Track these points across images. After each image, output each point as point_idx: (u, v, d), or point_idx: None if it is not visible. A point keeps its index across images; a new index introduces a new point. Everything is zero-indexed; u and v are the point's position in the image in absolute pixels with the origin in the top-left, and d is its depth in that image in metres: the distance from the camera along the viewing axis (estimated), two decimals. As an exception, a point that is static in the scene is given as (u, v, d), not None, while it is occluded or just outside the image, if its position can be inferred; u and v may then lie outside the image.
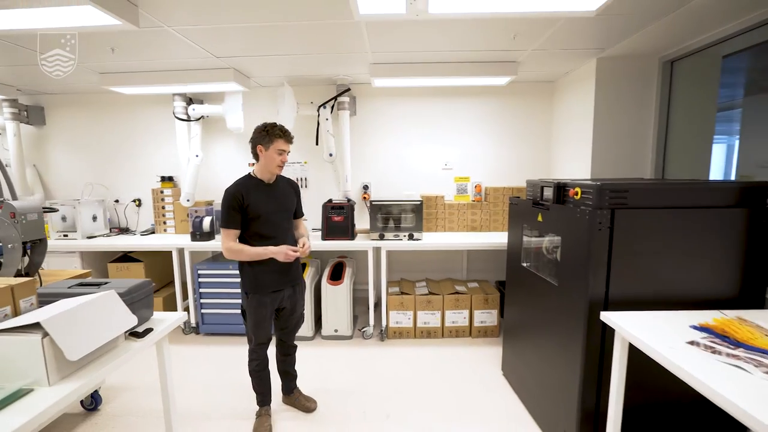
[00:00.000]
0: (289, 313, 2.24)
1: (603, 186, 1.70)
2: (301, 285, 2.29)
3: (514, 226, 2.50)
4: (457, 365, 2.92)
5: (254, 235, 2.05)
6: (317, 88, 3.77)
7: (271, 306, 2.13)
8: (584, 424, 1.83)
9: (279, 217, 2.10)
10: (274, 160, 2.03)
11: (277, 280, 2.11)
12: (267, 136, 2.00)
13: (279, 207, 2.11)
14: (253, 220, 2.01)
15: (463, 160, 3.87)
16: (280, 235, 2.10)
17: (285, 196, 2.16)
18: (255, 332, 2.13)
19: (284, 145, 2.04)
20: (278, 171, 2.09)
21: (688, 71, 2.86)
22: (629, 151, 3.05)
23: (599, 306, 1.73)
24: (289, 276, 2.17)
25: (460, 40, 2.63)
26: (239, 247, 2.00)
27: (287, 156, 2.09)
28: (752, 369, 1.16)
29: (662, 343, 1.34)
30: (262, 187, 2.07)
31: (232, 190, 2.00)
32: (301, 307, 2.33)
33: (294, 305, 2.25)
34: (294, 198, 2.23)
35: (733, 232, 1.74)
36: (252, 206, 2.00)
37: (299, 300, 2.28)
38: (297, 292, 2.25)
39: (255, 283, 2.08)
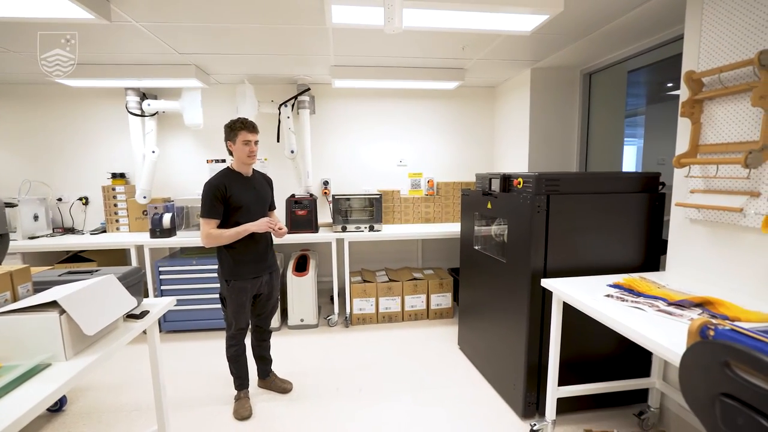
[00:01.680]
0: (266, 298, 2.38)
1: (541, 176, 2.06)
2: (278, 272, 2.45)
3: (467, 215, 2.83)
4: (417, 344, 3.21)
5: (235, 225, 2.16)
6: (278, 87, 3.87)
7: (251, 292, 2.26)
8: (530, 377, 2.19)
9: (258, 207, 2.25)
10: (243, 151, 2.15)
11: (255, 267, 2.25)
12: (231, 131, 2.14)
13: (258, 198, 2.26)
14: (235, 210, 2.14)
15: (417, 157, 4.18)
16: (259, 232, 2.24)
17: (262, 189, 2.32)
18: (236, 317, 2.24)
19: (248, 135, 2.15)
20: (250, 161, 2.20)
21: (602, 82, 3.40)
22: (559, 148, 3.54)
23: (540, 276, 2.09)
24: (267, 263, 2.32)
25: (417, 48, 2.91)
26: (218, 232, 2.10)
27: (255, 146, 2.19)
28: (647, 309, 1.55)
29: (587, 297, 1.71)
30: (241, 180, 2.21)
31: (214, 182, 2.11)
32: (277, 293, 2.48)
33: (271, 291, 2.39)
34: (270, 191, 2.41)
35: (638, 212, 2.19)
36: (234, 197, 2.12)
37: (276, 286, 2.43)
38: (273, 278, 2.40)
39: (235, 270, 2.19)
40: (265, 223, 2.16)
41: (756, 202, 1.62)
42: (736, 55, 1.70)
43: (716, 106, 1.80)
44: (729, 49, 1.73)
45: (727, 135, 1.75)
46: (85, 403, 2.45)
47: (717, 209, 1.77)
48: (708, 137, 1.85)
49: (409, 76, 3.45)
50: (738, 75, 1.68)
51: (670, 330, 1.37)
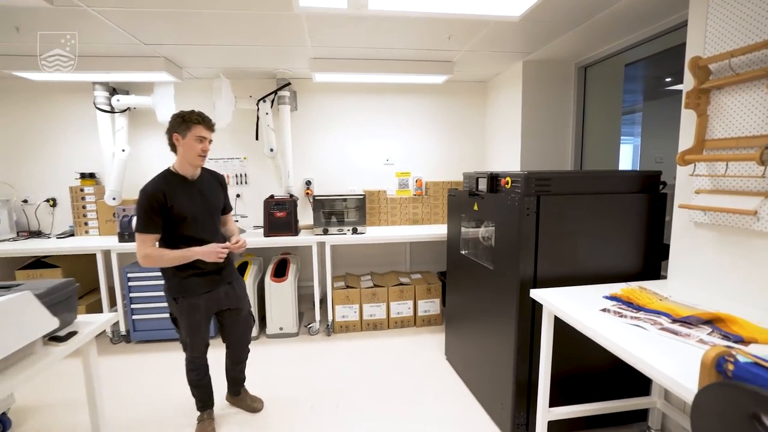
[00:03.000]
0: (235, 314, 2.10)
1: (530, 175, 1.86)
2: (239, 282, 2.14)
3: (453, 217, 2.63)
4: (402, 354, 3.01)
5: (180, 239, 1.85)
6: (256, 82, 3.66)
7: (206, 309, 1.96)
8: (518, 395, 1.99)
9: (207, 216, 1.94)
10: (193, 149, 1.83)
11: (208, 279, 1.94)
12: (183, 123, 1.82)
13: (207, 205, 1.94)
14: (179, 222, 1.83)
15: (404, 156, 3.98)
16: (209, 236, 1.93)
17: (212, 192, 1.99)
18: (191, 339, 1.97)
19: (204, 132, 1.85)
20: (201, 162, 1.89)
21: (598, 76, 3.20)
22: (552, 146, 3.34)
23: (529, 285, 1.89)
24: (222, 273, 2.01)
25: (400, 38, 2.71)
26: (158, 253, 1.80)
27: (209, 144, 1.91)
28: (649, 327, 1.35)
29: (580, 312, 1.51)
30: (186, 184, 1.88)
31: (151, 189, 1.79)
32: (247, 304, 2.18)
33: (237, 304, 2.09)
34: (221, 193, 2.09)
35: (636, 214, 2.00)
36: (177, 207, 1.81)
37: (242, 296, 2.14)
38: (236, 288, 2.09)
39: (182, 286, 1.89)
40: (214, 253, 1.84)
41: (772, 204, 1.43)
42: (749, 38, 1.50)
43: (725, 96, 1.60)
44: (741, 32, 1.53)
45: (739, 128, 1.56)
46: (32, 426, 2.24)
47: (726, 212, 1.58)
48: (716, 131, 1.65)
49: (394, 69, 3.24)
50: (752, 60, 1.48)
51: (677, 354, 1.17)
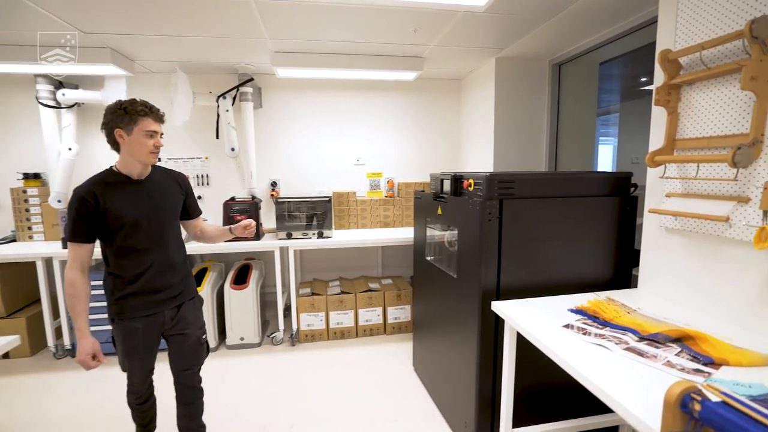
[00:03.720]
0: (181, 340, 1.74)
1: (492, 177, 1.72)
2: (194, 304, 1.79)
3: (419, 221, 2.48)
4: (369, 365, 2.85)
5: (121, 250, 1.57)
6: (216, 77, 3.46)
7: (147, 333, 1.64)
8: (482, 412, 1.85)
9: (156, 223, 1.63)
10: (143, 146, 1.54)
11: (151, 299, 1.63)
12: (126, 116, 1.51)
13: (155, 209, 1.63)
14: (116, 229, 1.54)
15: (376, 156, 3.82)
16: (158, 247, 1.63)
17: (164, 194, 1.68)
18: (128, 365, 1.70)
19: (153, 125, 1.56)
20: (154, 159, 1.60)
21: (573, 75, 3.09)
22: (527, 146, 3.22)
23: (492, 296, 1.75)
24: (171, 291, 1.68)
25: (363, 31, 2.55)
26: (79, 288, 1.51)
27: (161, 139, 1.62)
28: (613, 347, 1.22)
29: (542, 328, 1.37)
30: (128, 186, 1.59)
31: (81, 190, 1.51)
32: (199, 330, 1.80)
33: (185, 328, 1.73)
34: (179, 195, 1.75)
35: (606, 218, 1.87)
36: (113, 211, 1.52)
37: (193, 322, 1.76)
38: (187, 311, 1.74)
39: (118, 306, 1.60)
40: (84, 362, 1.52)
41: (745, 209, 1.31)
42: (721, 29, 1.38)
43: (697, 92, 1.49)
44: (713, 22, 1.41)
45: (710, 127, 1.44)
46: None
47: (697, 217, 1.46)
48: (687, 130, 1.53)
49: (362, 64, 3.08)
50: (723, 52, 1.36)
51: (641, 381, 1.04)
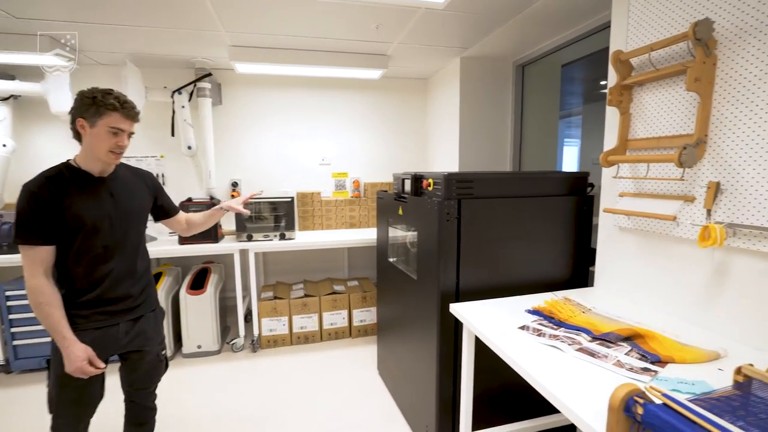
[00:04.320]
0: (137, 357, 1.55)
1: (450, 176, 1.69)
2: (155, 316, 1.61)
3: (381, 222, 2.44)
4: (333, 369, 2.77)
5: (77, 255, 1.36)
6: (172, 71, 3.29)
7: (96, 348, 1.38)
8: (443, 415, 1.82)
9: (119, 226, 1.43)
10: (103, 143, 1.34)
11: (104, 310, 1.42)
12: (93, 107, 1.32)
13: (119, 211, 1.43)
14: (75, 231, 1.34)
15: (342, 156, 3.75)
16: (119, 253, 1.44)
17: (130, 194, 1.49)
18: (58, 400, 1.39)
19: (122, 122, 1.36)
20: (113, 160, 1.39)
21: (536, 76, 3.13)
22: (492, 146, 3.24)
23: (451, 297, 1.72)
24: (129, 302, 1.48)
25: (325, 26, 2.48)
26: (49, 296, 1.30)
27: (128, 139, 1.41)
28: (566, 348, 1.20)
29: (497, 330, 1.35)
30: (91, 183, 1.39)
31: (33, 185, 1.30)
32: (159, 347, 1.62)
33: (142, 344, 1.54)
34: (147, 196, 1.58)
35: (564, 218, 1.88)
36: (72, 209, 1.32)
37: (153, 337, 1.57)
38: (148, 324, 1.55)
39: (67, 317, 1.35)
40: (78, 369, 1.32)
41: (690, 208, 1.33)
42: (669, 31, 1.40)
43: (647, 92, 1.51)
44: (661, 23, 1.44)
45: (659, 127, 1.46)
46: None
47: (648, 216, 1.48)
48: (638, 130, 1.56)
49: (325, 61, 3.01)
50: (671, 54, 1.39)
51: (591, 382, 1.03)
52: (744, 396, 0.79)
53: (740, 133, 1.19)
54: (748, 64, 1.16)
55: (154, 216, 1.68)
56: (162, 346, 1.66)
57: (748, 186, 1.17)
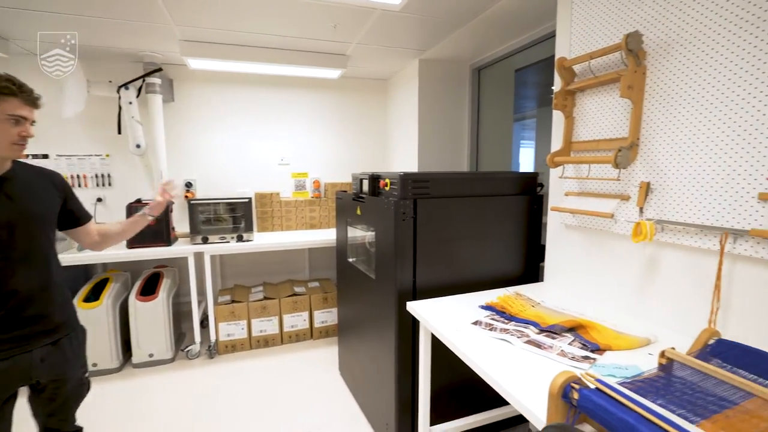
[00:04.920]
0: (53, 387, 1.37)
1: (406, 176, 1.72)
2: (78, 334, 1.45)
3: (340, 222, 2.43)
4: (294, 372, 2.73)
5: None
6: (117, 65, 3.11)
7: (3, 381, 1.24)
8: (402, 413, 1.84)
9: (22, 233, 1.27)
10: (4, 134, 1.20)
11: (11, 336, 1.24)
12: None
13: (20, 216, 1.27)
14: None
15: (302, 156, 3.70)
16: (26, 265, 1.28)
17: (33, 197, 1.32)
18: None
19: (21, 108, 1.22)
20: (17, 152, 1.25)
21: (491, 79, 3.24)
22: (450, 147, 3.32)
23: (408, 296, 1.75)
24: (45, 324, 1.31)
25: (282, 24, 2.43)
26: None
27: (31, 127, 1.28)
28: (515, 340, 1.26)
29: (451, 326, 1.39)
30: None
31: None
32: (80, 370, 1.46)
33: (61, 372, 1.36)
34: (55, 199, 1.40)
35: (516, 217, 1.97)
36: None
37: (71, 361, 1.40)
38: (64, 349, 1.37)
39: None
40: None
41: (626, 206, 1.44)
42: (605, 41, 1.50)
43: (588, 98, 1.61)
44: (599, 34, 1.53)
45: (599, 131, 1.56)
46: None
47: (589, 214, 1.58)
48: (580, 133, 1.65)
49: (282, 59, 2.95)
50: (608, 62, 1.49)
51: (536, 372, 1.08)
52: (666, 377, 0.87)
53: (666, 137, 1.29)
54: (672, 74, 1.27)
55: (59, 224, 1.44)
56: (84, 369, 1.48)
57: (673, 185, 1.28)
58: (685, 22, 1.22)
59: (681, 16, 1.23)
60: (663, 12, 1.28)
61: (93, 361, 2.63)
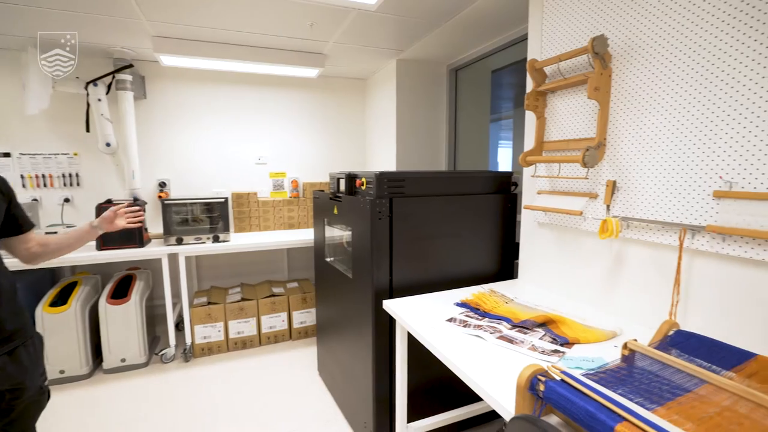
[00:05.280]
0: (11, 398, 1.27)
1: (381, 175, 1.72)
2: (36, 341, 1.34)
3: (318, 221, 2.42)
4: (273, 373, 2.70)
5: None
6: (85, 61, 2.99)
7: None
8: (380, 411, 1.85)
9: None
10: None
11: None
12: None
13: None
14: None
15: (279, 155, 3.66)
16: None
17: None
18: None
19: None
20: None
21: (468, 80, 3.29)
22: (428, 146, 3.35)
23: (385, 294, 1.76)
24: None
25: (258, 21, 2.40)
26: None
27: None
28: (488, 336, 1.29)
29: (426, 324, 1.41)
30: None
31: None
32: (40, 379, 1.35)
33: (20, 382, 1.26)
34: (1, 202, 1.27)
35: (491, 215, 2.00)
36: None
37: (29, 369, 1.29)
38: (21, 358, 1.26)
39: None
40: None
41: (594, 204, 1.49)
42: (573, 44, 1.55)
43: (558, 99, 1.65)
44: (569, 36, 1.58)
45: (568, 131, 1.61)
46: None
47: (560, 212, 1.62)
48: (551, 133, 1.70)
49: (259, 58, 2.92)
50: (576, 64, 1.53)
51: (508, 366, 1.11)
52: (628, 367, 0.90)
53: (630, 137, 1.34)
54: (635, 77, 1.32)
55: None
56: (43, 378, 1.38)
57: (637, 184, 1.33)
58: (647, 27, 1.27)
59: (643, 21, 1.28)
60: (626, 17, 1.33)
61: (60, 367, 2.54)
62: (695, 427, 0.65)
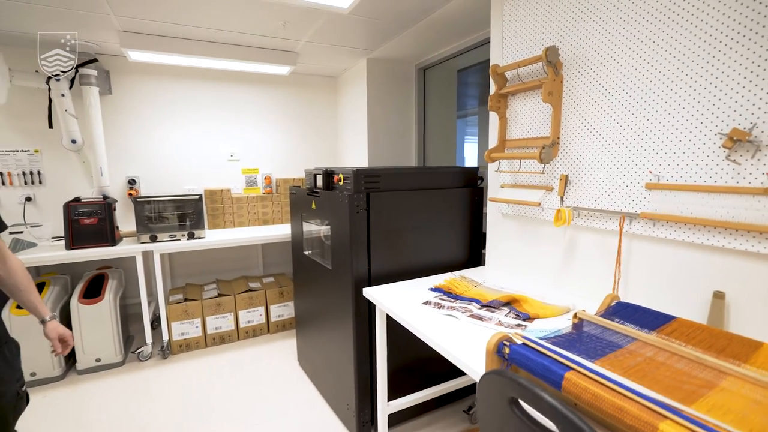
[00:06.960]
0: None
1: (359, 171, 1.84)
2: (11, 346, 1.34)
3: (295, 216, 2.50)
4: (253, 366, 2.77)
5: None
6: (46, 54, 2.89)
7: None
8: (362, 394, 1.98)
9: None
10: None
11: None
12: None
13: None
14: None
15: (252, 151, 3.68)
16: None
17: None
18: None
19: None
20: None
21: (435, 79, 3.44)
22: (398, 143, 3.48)
23: (364, 283, 1.88)
24: None
25: (230, 18, 2.43)
26: None
27: None
28: (460, 315, 1.44)
29: (405, 307, 1.54)
30: None
31: None
32: (16, 384, 1.34)
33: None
34: None
35: (460, 207, 2.17)
36: None
37: (8, 375, 1.29)
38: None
39: None
40: None
41: (550, 196, 1.67)
42: (532, 50, 1.72)
43: (518, 101, 1.82)
44: (526, 44, 1.75)
45: (527, 130, 1.78)
46: None
47: (521, 204, 1.80)
48: (513, 132, 1.87)
49: (230, 55, 2.93)
50: (532, 71, 1.70)
51: (478, 339, 1.26)
52: (577, 333, 1.07)
53: (579, 136, 1.53)
54: (582, 83, 1.50)
55: None
56: (20, 383, 1.36)
57: (585, 177, 1.52)
58: (591, 39, 1.45)
59: (588, 35, 1.46)
60: (575, 30, 1.51)
61: (31, 370, 2.49)
62: (624, 371, 0.82)
